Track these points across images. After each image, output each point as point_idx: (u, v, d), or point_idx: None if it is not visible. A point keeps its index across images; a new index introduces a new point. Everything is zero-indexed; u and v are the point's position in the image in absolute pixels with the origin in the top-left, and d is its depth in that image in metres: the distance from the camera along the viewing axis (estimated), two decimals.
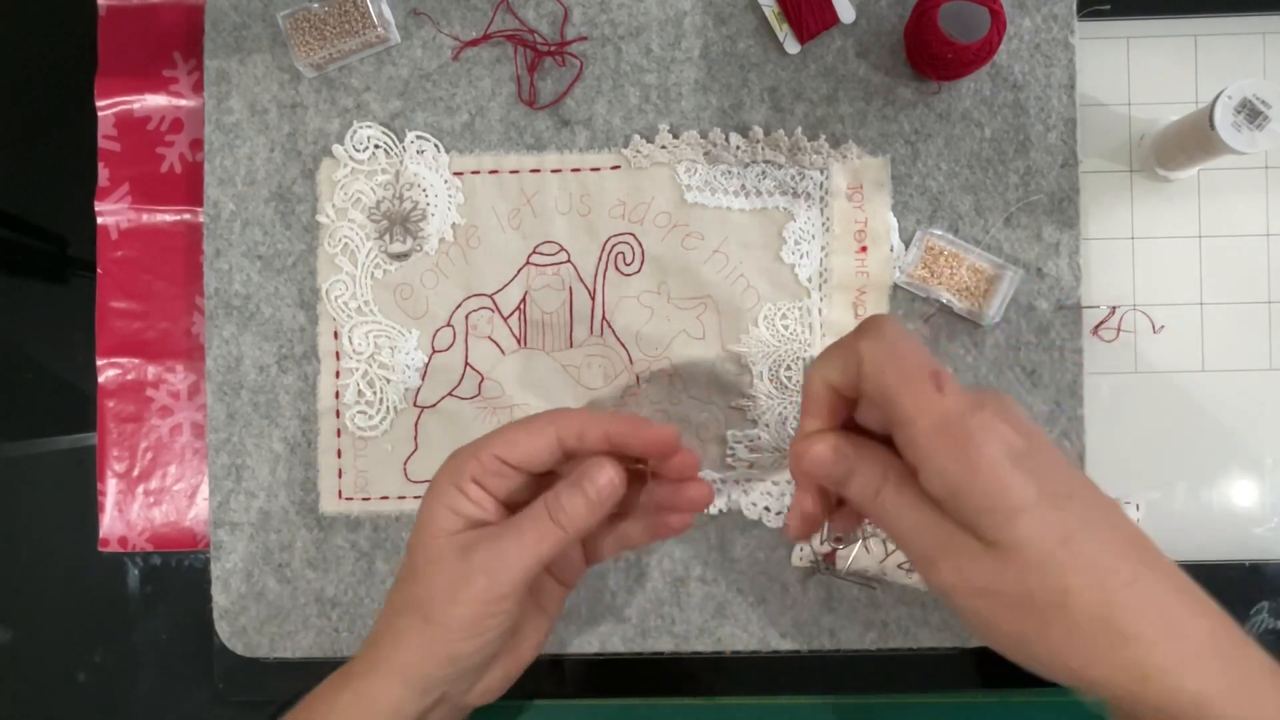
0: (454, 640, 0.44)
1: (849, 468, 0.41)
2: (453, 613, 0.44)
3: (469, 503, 0.45)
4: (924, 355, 0.39)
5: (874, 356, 0.39)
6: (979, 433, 0.36)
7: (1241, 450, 0.59)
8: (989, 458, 0.36)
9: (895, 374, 0.38)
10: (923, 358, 0.38)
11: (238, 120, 0.60)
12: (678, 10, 0.59)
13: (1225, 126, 0.52)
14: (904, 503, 0.39)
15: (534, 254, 0.59)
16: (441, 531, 0.45)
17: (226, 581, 0.60)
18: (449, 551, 0.44)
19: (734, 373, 0.59)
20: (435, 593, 0.44)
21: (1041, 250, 0.58)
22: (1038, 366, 0.58)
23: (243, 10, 0.60)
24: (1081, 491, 0.38)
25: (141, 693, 0.62)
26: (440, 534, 0.45)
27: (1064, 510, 0.37)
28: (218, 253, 0.60)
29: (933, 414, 0.37)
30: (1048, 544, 0.36)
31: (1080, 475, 0.40)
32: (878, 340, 0.39)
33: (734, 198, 0.59)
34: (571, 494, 0.45)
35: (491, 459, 0.45)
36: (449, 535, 0.45)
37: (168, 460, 0.62)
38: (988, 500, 0.36)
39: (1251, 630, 0.59)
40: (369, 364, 0.59)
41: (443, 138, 0.59)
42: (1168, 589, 0.38)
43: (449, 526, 0.45)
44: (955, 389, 0.37)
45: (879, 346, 0.39)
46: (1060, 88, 0.58)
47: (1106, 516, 0.38)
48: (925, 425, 0.37)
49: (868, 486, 0.40)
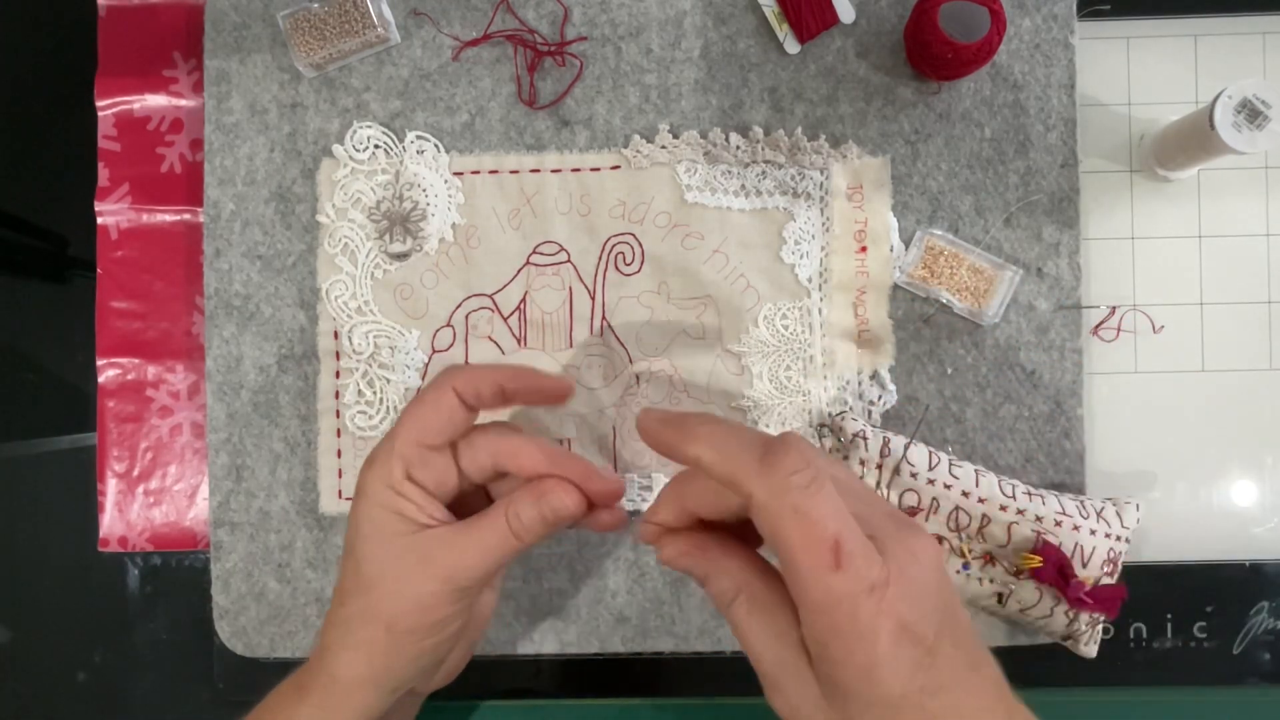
0: (420, 643, 0.44)
1: (702, 572, 0.39)
2: (418, 620, 0.43)
3: (411, 504, 0.44)
4: (831, 515, 0.34)
5: (774, 510, 0.34)
6: (867, 622, 0.33)
7: (1241, 450, 0.59)
8: (866, 653, 0.33)
9: (795, 536, 0.34)
10: (828, 520, 0.34)
11: (238, 120, 0.60)
12: (678, 10, 0.59)
13: (1225, 126, 0.52)
14: (754, 624, 0.37)
15: (534, 254, 0.59)
16: (390, 536, 0.44)
17: (226, 581, 0.60)
18: (405, 558, 0.43)
19: (734, 373, 0.59)
20: (396, 602, 0.43)
21: (1041, 250, 0.58)
22: (1038, 366, 0.58)
23: (243, 10, 0.60)
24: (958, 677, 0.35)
25: (141, 693, 0.62)
26: (390, 540, 0.44)
27: (931, 706, 0.34)
28: (218, 253, 0.60)
29: (825, 591, 0.33)
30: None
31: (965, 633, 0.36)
32: (782, 495, 0.34)
33: (734, 198, 0.59)
34: (530, 512, 0.44)
35: (414, 449, 0.44)
36: (400, 539, 0.43)
37: (168, 460, 0.62)
38: (854, 683, 0.34)
39: (1251, 630, 0.59)
40: (369, 364, 0.59)
41: (443, 138, 0.59)
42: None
43: (395, 529, 0.44)
44: (856, 564, 0.33)
45: (781, 504, 0.34)
46: (1060, 88, 0.58)
47: (974, 698, 0.35)
48: (813, 600, 0.34)
49: (721, 595, 0.38)
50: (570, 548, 0.59)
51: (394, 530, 0.44)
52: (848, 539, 0.34)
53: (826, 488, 0.34)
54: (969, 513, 0.53)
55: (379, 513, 0.44)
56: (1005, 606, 0.54)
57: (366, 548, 0.44)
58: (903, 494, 0.54)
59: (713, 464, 0.36)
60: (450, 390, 0.44)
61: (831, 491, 0.34)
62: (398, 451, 0.44)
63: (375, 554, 0.44)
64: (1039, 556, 0.53)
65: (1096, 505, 0.55)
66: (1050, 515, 0.53)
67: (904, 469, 0.54)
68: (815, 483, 0.34)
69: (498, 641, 0.59)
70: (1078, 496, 0.56)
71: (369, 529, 0.44)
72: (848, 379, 0.58)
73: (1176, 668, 0.59)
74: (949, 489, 0.53)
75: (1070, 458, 0.58)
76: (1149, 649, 0.59)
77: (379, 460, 0.44)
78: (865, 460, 0.54)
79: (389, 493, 0.44)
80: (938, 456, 0.54)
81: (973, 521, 0.53)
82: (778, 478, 0.34)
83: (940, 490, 0.53)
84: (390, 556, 0.43)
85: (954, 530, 0.54)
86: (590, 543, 0.59)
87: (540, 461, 0.45)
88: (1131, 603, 0.57)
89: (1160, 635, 0.59)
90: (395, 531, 0.44)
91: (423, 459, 0.44)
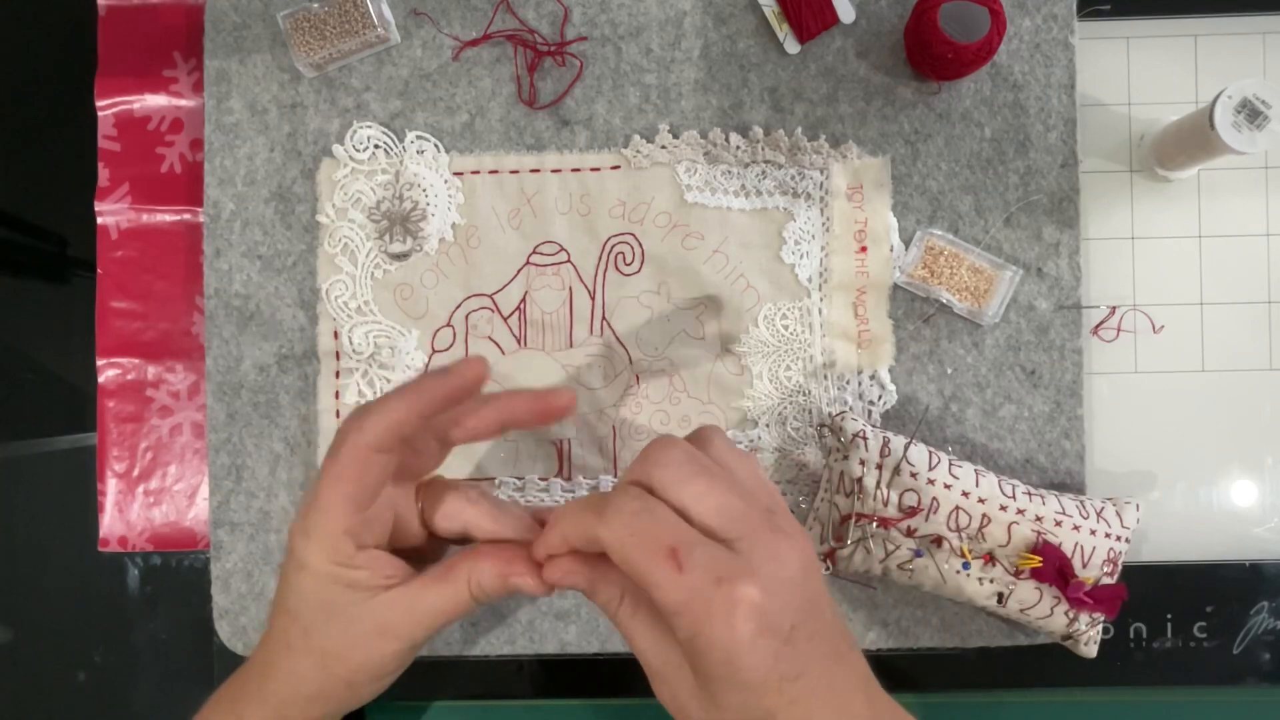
0: (359, 684, 0.43)
1: (588, 584, 0.41)
2: (360, 667, 0.43)
3: (363, 572, 0.42)
4: (663, 529, 0.37)
5: (614, 543, 0.37)
6: (721, 610, 0.36)
7: (1241, 450, 0.59)
8: (725, 641, 0.36)
9: (636, 557, 0.37)
10: (660, 534, 0.37)
11: (238, 120, 0.60)
12: (678, 10, 0.59)
13: (1225, 126, 0.52)
14: (636, 624, 0.40)
15: (534, 254, 0.59)
16: (343, 608, 0.42)
17: (226, 581, 0.60)
18: (358, 626, 0.42)
19: (734, 373, 0.59)
20: (339, 648, 0.42)
21: (1041, 250, 0.58)
22: (1038, 366, 0.58)
23: (243, 10, 0.60)
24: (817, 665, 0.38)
25: (141, 693, 0.62)
26: (342, 611, 0.42)
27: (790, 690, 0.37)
28: (218, 253, 0.60)
29: (674, 592, 0.36)
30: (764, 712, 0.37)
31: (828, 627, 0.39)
32: (615, 524, 0.37)
33: (734, 198, 0.59)
34: (494, 578, 0.42)
35: (353, 519, 0.41)
36: (352, 609, 0.42)
37: (168, 460, 0.62)
38: (719, 670, 0.36)
39: (1251, 630, 0.59)
40: (369, 364, 0.59)
41: (443, 138, 0.59)
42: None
43: (349, 600, 0.42)
44: (697, 563, 0.36)
45: (616, 533, 0.37)
46: (1060, 88, 0.58)
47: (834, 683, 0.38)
48: (667, 602, 0.36)
49: (608, 603, 0.41)
50: None
51: (345, 601, 0.42)
52: (684, 542, 0.37)
53: (655, 509, 0.37)
54: (969, 513, 0.53)
55: (328, 589, 0.42)
56: (1005, 606, 0.54)
57: (315, 620, 0.42)
58: (903, 494, 0.54)
59: (571, 533, 0.40)
60: (362, 449, 0.41)
61: (660, 510, 0.37)
62: (337, 529, 0.41)
63: (326, 628, 0.42)
64: (1039, 556, 0.53)
65: (1096, 505, 0.55)
66: (1050, 515, 0.53)
67: (904, 469, 0.54)
68: (643, 510, 0.37)
69: (497, 642, 0.59)
70: (1078, 496, 0.56)
71: (316, 603, 0.42)
72: (848, 379, 0.58)
73: (1176, 668, 0.59)
74: (949, 489, 0.53)
75: (1070, 458, 0.58)
76: (1149, 649, 0.59)
77: (317, 534, 0.41)
78: (865, 460, 0.54)
79: (338, 569, 0.42)
80: (938, 456, 0.54)
81: (973, 521, 0.53)
82: (610, 516, 0.38)
83: (940, 490, 0.53)
84: (342, 627, 0.42)
85: (954, 530, 0.54)
86: None
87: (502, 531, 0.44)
88: (1131, 603, 0.57)
89: (1160, 635, 0.59)
90: (347, 603, 0.42)
91: (365, 524, 0.42)
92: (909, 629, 0.58)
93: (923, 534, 0.54)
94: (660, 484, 0.38)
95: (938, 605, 0.58)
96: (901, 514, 0.54)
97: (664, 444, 0.39)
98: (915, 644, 0.58)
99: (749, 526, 0.37)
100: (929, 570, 0.54)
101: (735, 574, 0.36)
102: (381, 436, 0.41)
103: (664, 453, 0.39)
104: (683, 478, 0.38)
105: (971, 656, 0.59)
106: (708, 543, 0.37)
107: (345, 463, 0.41)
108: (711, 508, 0.38)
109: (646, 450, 0.40)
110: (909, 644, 0.58)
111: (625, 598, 0.40)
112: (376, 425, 0.41)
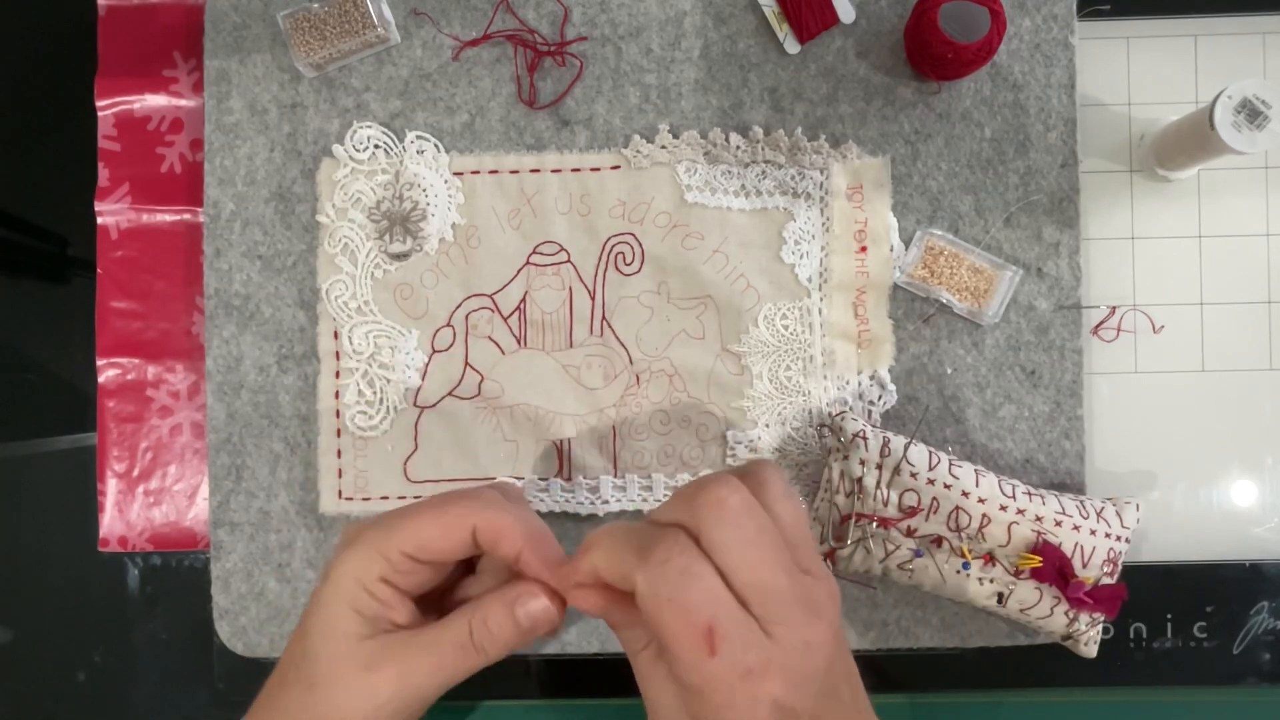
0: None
1: (619, 620, 0.39)
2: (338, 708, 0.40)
3: (376, 603, 0.40)
4: (704, 602, 0.35)
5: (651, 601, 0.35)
6: (741, 705, 0.35)
7: (1241, 450, 0.59)
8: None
9: (671, 627, 0.35)
10: (701, 608, 0.35)
11: (238, 120, 0.60)
12: (678, 10, 0.59)
13: (1225, 126, 0.52)
14: (654, 675, 0.38)
15: (534, 254, 0.59)
16: (345, 636, 0.40)
17: (226, 581, 0.60)
18: (353, 662, 0.40)
19: (734, 373, 0.59)
20: (336, 708, 0.40)
21: (1041, 250, 0.58)
22: (1038, 366, 0.58)
23: (243, 10, 0.60)
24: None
25: (141, 693, 0.62)
26: (343, 639, 0.40)
27: None
28: (218, 253, 0.60)
29: (699, 675, 0.35)
30: None
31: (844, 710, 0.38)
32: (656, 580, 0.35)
33: (734, 198, 0.59)
34: (502, 619, 0.40)
35: (402, 558, 0.40)
36: (352, 641, 0.40)
37: (168, 460, 0.62)
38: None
39: (1251, 630, 0.59)
40: (369, 364, 0.59)
41: (443, 138, 0.59)
42: None
43: (352, 630, 0.40)
44: (730, 650, 0.35)
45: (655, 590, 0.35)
46: (1060, 88, 0.58)
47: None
48: (690, 684, 0.35)
49: (630, 644, 0.39)
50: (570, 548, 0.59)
51: (347, 630, 0.40)
52: (722, 623, 0.35)
53: (702, 576, 0.35)
54: (969, 513, 0.53)
55: (339, 608, 0.40)
56: (1005, 606, 0.54)
57: (319, 643, 0.41)
58: (903, 494, 0.54)
59: (604, 567, 0.38)
60: (469, 527, 0.40)
61: (707, 577, 0.35)
62: (387, 556, 0.40)
63: (323, 650, 0.40)
64: (1039, 556, 0.53)
65: (1096, 505, 0.55)
66: (1050, 515, 0.53)
67: (904, 469, 0.54)
68: (688, 572, 0.35)
69: None
70: (1078, 496, 0.56)
71: (326, 618, 0.41)
72: (848, 379, 0.58)
73: (1176, 668, 0.59)
74: (949, 489, 0.53)
75: (1070, 458, 0.58)
76: (1149, 649, 0.59)
77: (358, 549, 0.40)
78: (865, 460, 0.54)
79: (357, 588, 0.40)
80: (938, 456, 0.54)
81: (973, 521, 0.53)
82: (652, 568, 0.35)
83: (940, 490, 0.53)
84: (337, 657, 0.40)
85: (954, 530, 0.54)
86: None
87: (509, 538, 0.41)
88: (1131, 603, 0.57)
89: (1160, 635, 0.59)
90: (348, 633, 0.40)
91: (408, 569, 0.41)
92: (909, 629, 0.58)
93: (923, 534, 0.54)
94: (710, 541, 0.36)
95: (938, 605, 0.58)
96: (901, 514, 0.54)
97: (721, 489, 0.37)
98: (915, 644, 0.58)
99: (786, 608, 0.36)
100: (929, 570, 0.54)
101: (764, 669, 0.35)
102: (488, 530, 0.40)
103: (722, 507, 0.36)
104: (737, 542, 0.36)
105: (971, 656, 0.59)
106: (743, 624, 0.35)
107: (440, 514, 0.40)
108: (756, 582, 0.36)
109: (702, 491, 0.37)
110: (909, 644, 0.58)
111: (651, 646, 0.38)
112: (492, 517, 0.40)
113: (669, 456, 0.59)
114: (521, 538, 0.40)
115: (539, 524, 0.42)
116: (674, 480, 0.59)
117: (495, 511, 0.40)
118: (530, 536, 0.40)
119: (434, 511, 0.41)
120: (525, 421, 0.59)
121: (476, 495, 0.41)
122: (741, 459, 0.58)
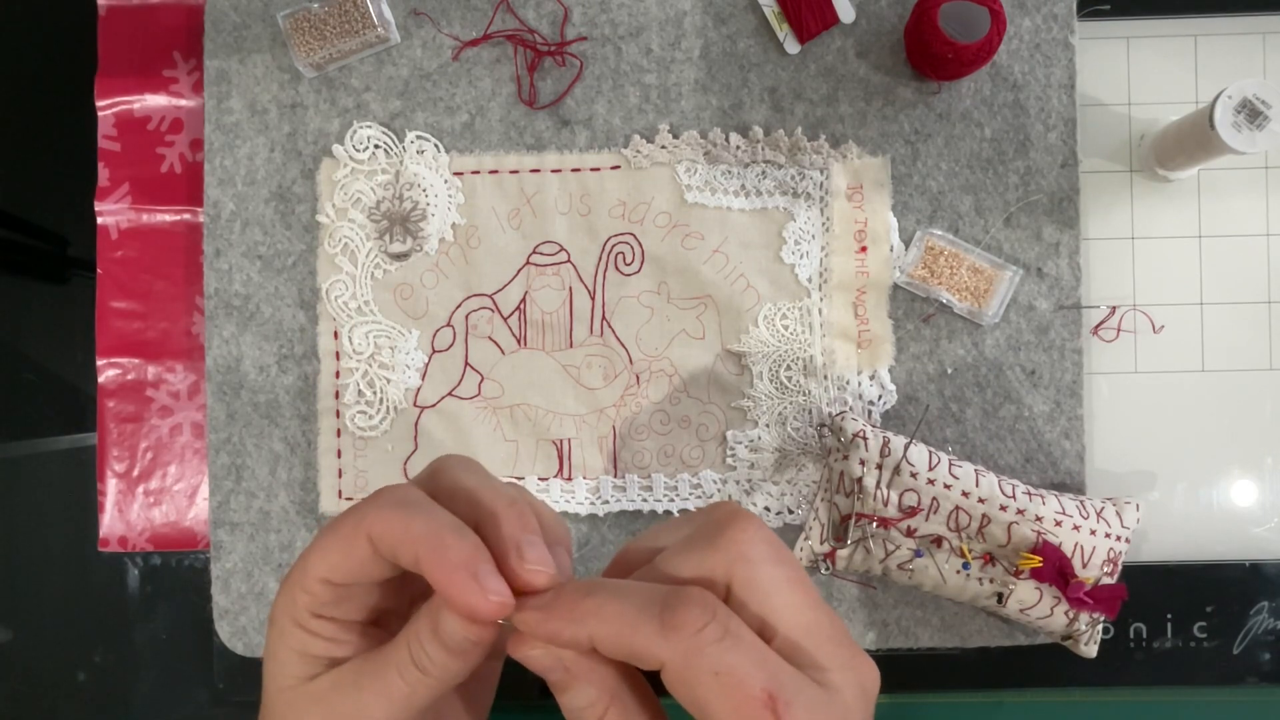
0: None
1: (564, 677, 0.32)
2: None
3: (318, 640, 0.35)
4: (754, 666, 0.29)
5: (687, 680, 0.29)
6: None
7: (1241, 450, 0.59)
8: None
9: (721, 702, 0.29)
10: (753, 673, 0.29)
11: (238, 120, 0.60)
12: (678, 10, 0.59)
13: (1225, 126, 0.52)
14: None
15: (534, 254, 0.59)
16: (293, 679, 0.36)
17: (226, 581, 0.60)
18: (305, 705, 0.36)
19: (734, 373, 0.59)
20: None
21: (1041, 250, 0.58)
22: (1038, 366, 0.58)
23: (243, 10, 0.60)
24: None
25: (141, 693, 0.62)
26: (292, 683, 0.36)
27: None
28: (218, 253, 0.60)
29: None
30: None
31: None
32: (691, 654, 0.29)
33: (734, 198, 0.59)
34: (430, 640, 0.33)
35: (322, 587, 0.34)
36: (302, 684, 0.35)
37: (168, 460, 0.62)
38: None
39: (1251, 630, 0.59)
40: (369, 364, 0.59)
41: (443, 138, 0.59)
42: None
43: (298, 672, 0.36)
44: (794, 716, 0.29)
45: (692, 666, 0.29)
46: (1060, 88, 0.58)
47: None
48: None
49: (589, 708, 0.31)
50: None
51: (294, 673, 0.36)
52: (784, 687, 0.29)
53: (743, 636, 0.30)
54: (969, 513, 0.53)
55: (283, 653, 0.36)
56: (1005, 606, 0.54)
57: (272, 693, 0.36)
58: (903, 494, 0.54)
59: (610, 640, 0.30)
60: (364, 535, 0.33)
61: (748, 639, 0.30)
62: (304, 587, 0.34)
63: (278, 699, 0.36)
64: (1039, 556, 0.53)
65: (1096, 505, 0.55)
66: (1050, 515, 0.53)
67: (904, 469, 0.54)
68: (729, 635, 0.29)
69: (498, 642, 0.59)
70: (1078, 496, 0.56)
71: (271, 666, 0.36)
72: (848, 379, 0.58)
73: (1176, 668, 0.59)
74: (949, 489, 0.53)
75: (1070, 458, 0.58)
76: (1149, 649, 0.59)
77: (283, 588, 0.35)
78: (865, 460, 0.54)
79: (292, 628, 0.35)
80: (938, 456, 0.54)
81: (973, 521, 0.53)
82: (685, 639, 0.29)
83: (940, 490, 0.53)
84: (292, 705, 0.36)
85: (954, 530, 0.54)
86: (590, 542, 0.59)
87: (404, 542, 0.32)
88: (1131, 603, 0.57)
89: (1160, 635, 0.59)
90: (295, 675, 0.36)
91: (333, 597, 0.34)
92: (909, 629, 0.58)
93: (923, 534, 0.54)
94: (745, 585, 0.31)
95: (938, 605, 0.58)
96: (901, 514, 0.54)
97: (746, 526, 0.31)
98: (915, 644, 0.58)
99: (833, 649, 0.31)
100: (929, 570, 0.54)
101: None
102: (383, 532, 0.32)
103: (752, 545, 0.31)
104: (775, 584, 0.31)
105: (971, 656, 0.59)
106: (800, 682, 0.30)
107: (335, 532, 0.33)
108: (803, 625, 0.31)
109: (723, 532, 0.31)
110: (909, 644, 0.58)
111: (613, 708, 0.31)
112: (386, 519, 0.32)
113: (669, 456, 0.59)
114: (419, 540, 0.31)
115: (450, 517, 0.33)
116: (674, 480, 0.59)
117: (389, 512, 0.32)
118: (430, 537, 0.31)
119: (331, 530, 0.34)
120: (525, 421, 0.59)
121: (374, 497, 0.34)
122: (742, 459, 0.58)
